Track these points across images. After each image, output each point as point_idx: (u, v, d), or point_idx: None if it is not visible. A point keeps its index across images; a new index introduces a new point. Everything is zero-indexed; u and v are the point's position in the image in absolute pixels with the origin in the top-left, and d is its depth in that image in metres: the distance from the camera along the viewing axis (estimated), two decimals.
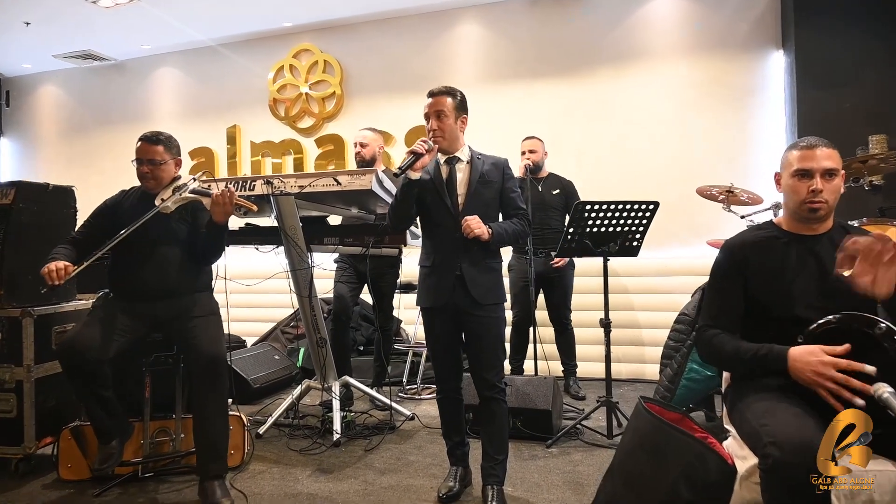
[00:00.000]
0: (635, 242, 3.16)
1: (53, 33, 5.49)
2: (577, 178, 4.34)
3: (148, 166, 2.69)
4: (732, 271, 1.84)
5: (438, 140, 2.37)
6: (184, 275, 2.70)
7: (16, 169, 6.80)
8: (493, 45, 5.12)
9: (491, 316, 2.39)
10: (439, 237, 2.41)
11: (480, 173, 2.42)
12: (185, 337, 2.58)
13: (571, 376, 4.22)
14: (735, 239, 1.89)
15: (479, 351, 2.39)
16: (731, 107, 4.55)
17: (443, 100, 2.39)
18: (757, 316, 1.80)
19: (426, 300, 2.45)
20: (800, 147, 1.79)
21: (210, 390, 2.51)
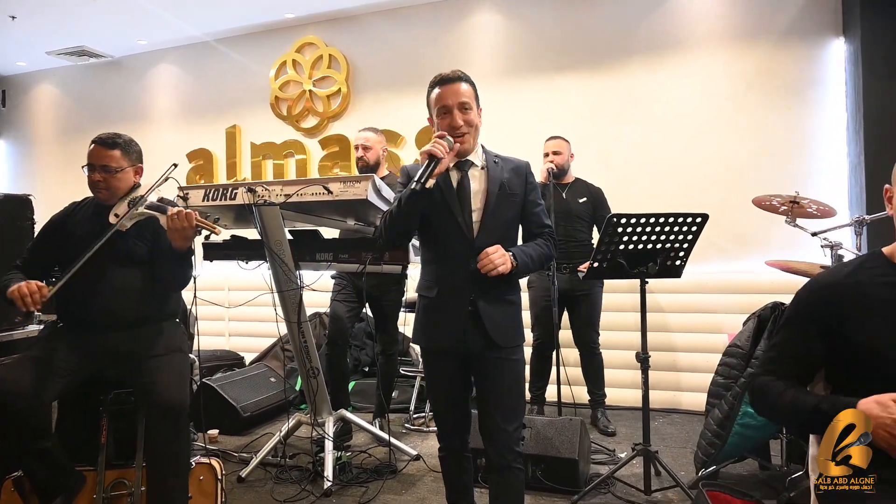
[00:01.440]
0: (678, 262, 2.67)
1: (43, 28, 5.16)
2: (603, 183, 3.85)
3: (101, 174, 2.28)
4: (816, 320, 1.38)
5: (465, 140, 1.88)
6: (142, 303, 2.29)
7: (13, 172, 6.51)
8: (511, 36, 4.65)
9: (510, 359, 1.92)
10: (447, 263, 1.92)
11: (500, 183, 1.92)
12: (141, 379, 2.16)
13: (599, 408, 3.74)
14: (826, 277, 1.42)
15: (494, 405, 1.91)
16: (782, 102, 4.02)
17: (461, 87, 1.89)
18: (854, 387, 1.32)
19: (428, 340, 1.98)
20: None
21: (166, 445, 2.09)
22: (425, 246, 2.01)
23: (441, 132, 1.86)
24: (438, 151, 1.78)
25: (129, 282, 2.26)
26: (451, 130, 1.86)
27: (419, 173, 1.77)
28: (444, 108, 1.88)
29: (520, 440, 1.93)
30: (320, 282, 2.96)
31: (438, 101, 1.89)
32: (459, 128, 1.87)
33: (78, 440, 2.42)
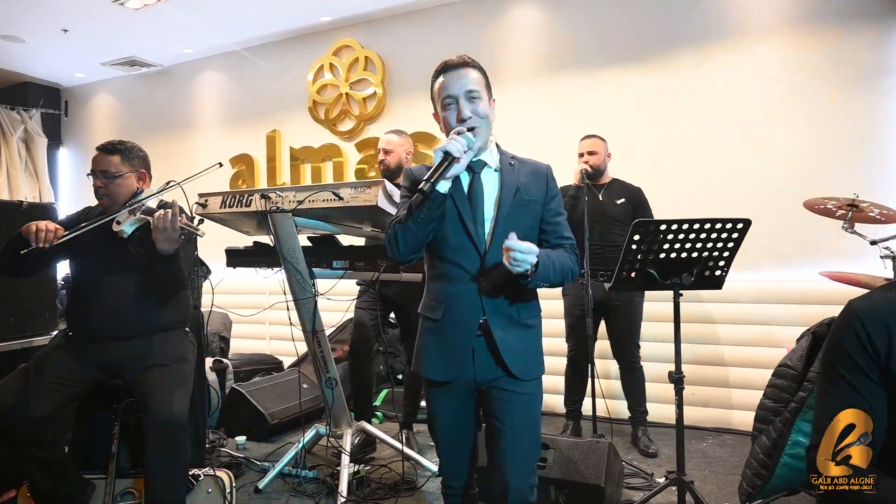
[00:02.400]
0: (718, 271, 2.41)
1: (94, 40, 5.35)
2: (650, 185, 3.59)
3: (101, 179, 2.26)
4: (863, 356, 1.13)
5: (479, 132, 1.61)
6: (146, 311, 2.25)
7: (74, 178, 6.81)
8: (550, 31, 4.44)
9: (527, 394, 1.67)
10: (455, 280, 1.66)
11: (517, 188, 1.68)
12: (139, 390, 2.12)
13: (640, 426, 3.48)
14: (866, 302, 1.16)
15: (506, 446, 1.65)
16: (851, 93, 3.63)
17: (469, 73, 1.65)
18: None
19: (431, 370, 1.71)
20: None
21: (160, 462, 2.03)
22: (431, 260, 1.75)
23: (459, 129, 1.59)
24: (456, 148, 1.52)
25: (132, 290, 2.23)
26: (459, 123, 1.63)
27: (430, 172, 1.51)
28: (450, 98, 1.64)
29: (534, 483, 1.69)
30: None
31: (442, 90, 1.66)
32: (467, 120, 1.62)
33: (91, 448, 2.43)
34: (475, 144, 1.59)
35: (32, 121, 6.46)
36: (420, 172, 1.69)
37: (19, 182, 6.25)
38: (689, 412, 3.82)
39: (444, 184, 1.55)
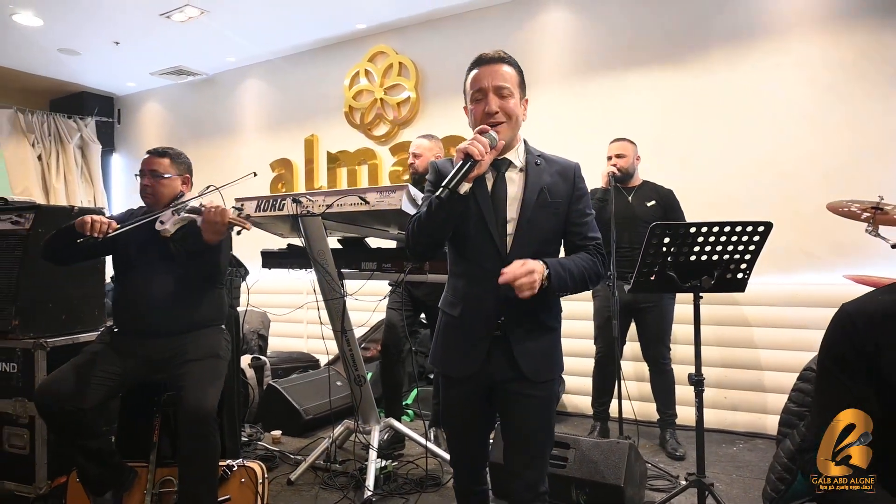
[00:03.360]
0: (740, 274, 2.41)
1: (144, 51, 5.62)
2: (682, 186, 3.57)
3: (149, 178, 2.44)
4: (854, 357, 1.15)
5: (502, 130, 1.60)
6: (183, 309, 2.40)
7: (126, 183, 7.15)
8: (581, 33, 4.45)
9: (542, 395, 1.68)
10: (475, 280, 1.66)
11: (541, 188, 1.65)
12: (175, 383, 2.27)
13: (669, 428, 3.47)
14: (855, 305, 1.19)
15: (518, 445, 1.70)
16: (889, 89, 3.54)
17: (502, 69, 1.63)
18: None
19: (446, 364, 1.74)
20: None
21: (192, 451, 2.16)
22: (453, 257, 1.76)
23: (483, 126, 1.58)
24: (476, 151, 1.50)
25: (172, 289, 2.38)
26: (486, 117, 1.61)
27: (450, 176, 1.51)
28: (480, 92, 1.62)
29: (545, 479, 1.71)
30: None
31: (474, 83, 1.64)
32: (494, 114, 1.60)
33: (135, 438, 2.59)
34: (498, 144, 1.58)
35: (87, 128, 6.82)
36: (445, 167, 1.69)
37: (75, 187, 6.61)
38: (719, 416, 3.80)
39: (465, 186, 1.54)
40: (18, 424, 2.65)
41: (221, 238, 2.23)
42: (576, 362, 4.12)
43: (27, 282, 2.69)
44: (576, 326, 3.97)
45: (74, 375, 2.24)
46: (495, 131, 1.58)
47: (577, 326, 3.91)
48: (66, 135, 6.64)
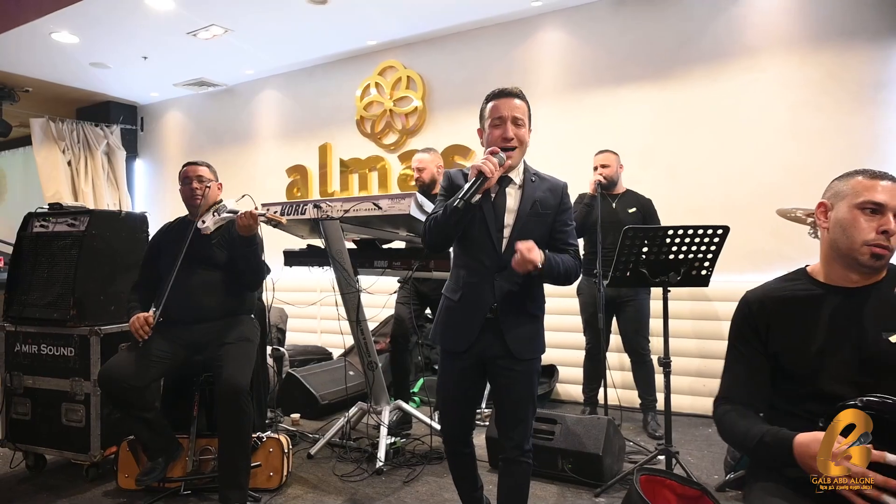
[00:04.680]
0: (704, 271, 2.77)
1: (169, 64, 6.02)
2: (669, 194, 3.95)
3: (197, 183, 2.85)
4: (750, 333, 1.51)
5: (514, 155, 1.95)
6: (221, 299, 2.79)
7: (148, 186, 7.57)
8: (575, 51, 4.82)
9: (526, 370, 2.02)
10: (474, 272, 2.01)
11: (534, 201, 2.00)
12: (214, 363, 2.65)
13: (650, 412, 3.83)
14: (755, 292, 1.55)
15: (506, 410, 2.06)
16: (853, 106, 3.89)
17: (517, 103, 1.97)
18: (779, 388, 1.46)
19: (445, 340, 2.08)
20: (868, 175, 1.42)
21: (229, 420, 2.54)
22: (458, 252, 2.10)
23: (493, 148, 1.92)
24: (487, 169, 1.83)
25: (211, 282, 2.77)
26: (502, 141, 1.94)
27: (465, 188, 1.85)
28: (499, 119, 1.95)
29: (529, 439, 2.05)
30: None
31: (494, 112, 1.96)
32: (511, 140, 1.93)
33: (178, 414, 2.98)
34: (506, 163, 1.91)
35: (113, 136, 7.24)
36: (457, 177, 2.04)
37: (102, 191, 7.02)
38: (699, 402, 4.16)
39: (476, 196, 1.87)
40: (75, 401, 3.03)
41: (252, 232, 2.64)
42: (568, 354, 4.49)
43: (82, 277, 3.07)
44: (568, 321, 4.35)
45: (131, 359, 2.64)
46: (507, 155, 1.92)
47: (570, 321, 4.28)
48: (94, 142, 7.05)
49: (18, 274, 3.25)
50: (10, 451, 3.22)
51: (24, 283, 3.22)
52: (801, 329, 1.44)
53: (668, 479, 1.60)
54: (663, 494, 1.56)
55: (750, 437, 1.39)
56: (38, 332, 3.15)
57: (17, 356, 3.19)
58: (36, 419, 3.12)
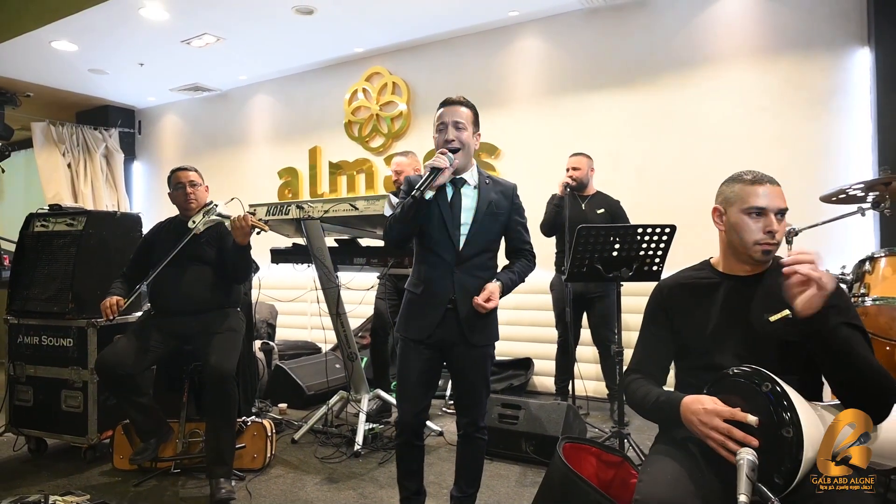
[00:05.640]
0: (654, 266, 3.00)
1: (165, 71, 6.26)
2: (638, 195, 4.17)
3: (191, 188, 3.07)
4: (659, 314, 1.74)
5: (458, 155, 2.14)
6: (210, 293, 3.01)
7: (146, 187, 7.80)
8: (551, 58, 5.06)
9: (481, 356, 2.22)
10: (435, 267, 2.18)
11: (489, 202, 2.21)
12: (202, 351, 2.88)
13: (616, 401, 4.04)
14: (666, 280, 1.79)
15: (465, 389, 2.26)
16: (809, 112, 4.13)
17: (460, 109, 2.18)
18: (682, 362, 1.69)
19: (409, 329, 2.23)
20: (748, 181, 1.64)
21: (216, 403, 2.77)
22: (418, 249, 2.27)
23: (442, 149, 2.13)
24: (440, 164, 2.05)
25: (200, 277, 3.00)
26: (444, 144, 2.14)
27: (419, 183, 2.05)
28: (443, 125, 2.16)
29: (484, 416, 2.28)
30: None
31: (439, 118, 2.19)
32: (451, 141, 2.13)
33: (169, 401, 3.21)
34: (454, 162, 2.12)
35: (112, 139, 7.47)
36: (415, 181, 2.18)
37: (101, 192, 7.25)
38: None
39: (429, 192, 2.08)
40: (74, 388, 3.26)
41: (248, 239, 2.86)
42: (542, 348, 4.72)
43: (80, 273, 3.30)
44: (544, 317, 4.58)
45: (126, 348, 2.87)
46: (452, 154, 2.13)
47: (546, 317, 4.51)
48: (93, 145, 7.28)
49: (21, 270, 3.49)
50: (13, 435, 3.45)
51: (25, 278, 3.45)
52: (701, 311, 1.67)
53: (593, 446, 1.82)
54: (587, 460, 1.78)
55: (648, 399, 1.61)
56: (39, 325, 3.38)
57: (19, 347, 3.42)
58: (37, 405, 3.35)
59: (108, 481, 3.05)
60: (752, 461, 1.28)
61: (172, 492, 2.90)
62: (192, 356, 3.11)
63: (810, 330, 1.43)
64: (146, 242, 3.16)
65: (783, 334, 1.54)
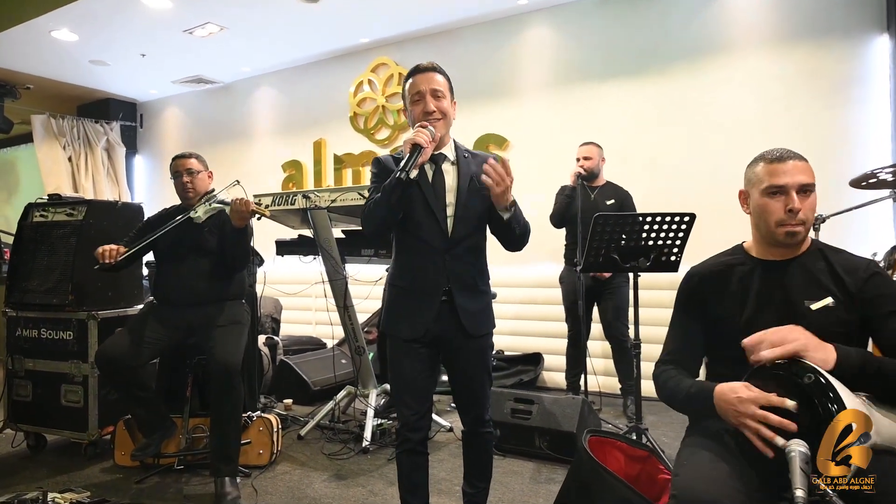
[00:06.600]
0: (673, 257, 2.90)
1: (167, 62, 6.17)
2: (649, 186, 4.07)
3: (187, 176, 2.95)
4: (691, 303, 1.65)
5: (439, 126, 1.89)
6: (212, 284, 2.91)
7: (148, 181, 7.72)
8: (561, 48, 4.96)
9: (481, 346, 2.01)
10: (423, 254, 1.94)
11: (470, 177, 1.96)
12: (206, 344, 2.79)
13: (630, 396, 3.95)
14: (698, 266, 1.69)
15: (467, 386, 2.04)
16: (825, 101, 4.02)
17: (435, 76, 1.94)
18: (716, 353, 1.59)
19: (401, 328, 1.96)
20: (768, 160, 1.57)
21: (221, 398, 2.67)
22: (400, 237, 2.01)
23: (423, 122, 1.87)
24: (423, 140, 1.79)
25: (202, 267, 2.90)
26: (424, 116, 1.89)
27: (403, 162, 1.78)
28: (418, 94, 1.91)
29: (488, 410, 2.08)
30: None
31: (412, 88, 1.93)
32: (432, 113, 1.88)
33: (172, 395, 3.12)
34: (436, 136, 1.87)
35: (113, 132, 7.38)
36: (387, 161, 1.97)
37: (102, 186, 7.17)
38: None
39: (413, 171, 1.80)
40: (74, 382, 3.17)
41: (246, 223, 2.75)
42: (552, 342, 4.63)
43: (80, 264, 3.20)
44: (554, 311, 4.48)
45: (127, 340, 2.77)
46: (433, 126, 1.87)
47: (555, 311, 4.42)
48: (94, 138, 7.20)
49: (19, 262, 3.39)
50: (11, 431, 3.37)
51: (24, 270, 3.36)
52: (734, 299, 1.57)
53: (618, 440, 1.73)
54: (613, 454, 1.69)
55: (679, 391, 1.53)
56: (38, 317, 3.29)
57: (18, 340, 3.33)
58: (36, 400, 3.26)
59: (110, 478, 2.96)
60: (804, 453, 1.18)
61: (176, 489, 2.82)
62: (195, 349, 3.01)
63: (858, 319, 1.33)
64: (148, 224, 3.06)
65: (826, 323, 1.45)
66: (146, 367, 2.91)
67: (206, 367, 2.83)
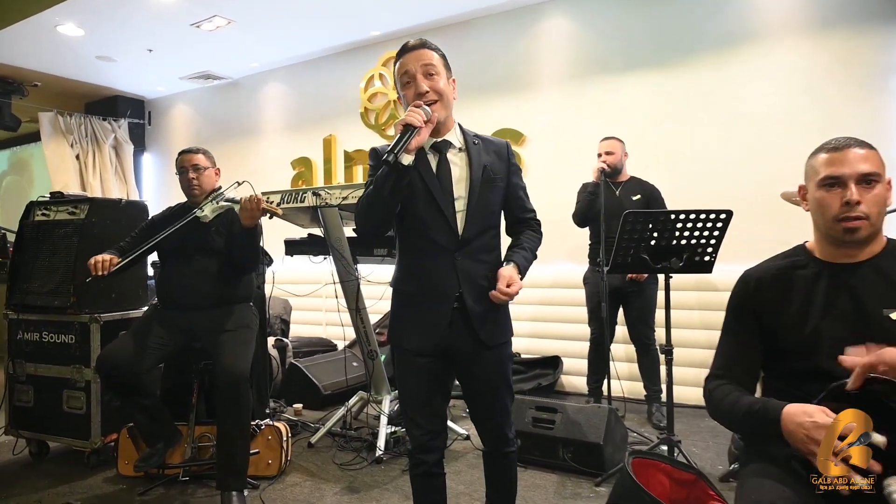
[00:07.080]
0: (707, 257, 2.72)
1: (174, 57, 6.04)
2: (671, 182, 3.89)
3: (193, 172, 2.81)
4: (746, 310, 1.47)
5: (436, 108, 1.67)
6: (219, 286, 2.77)
7: (156, 179, 7.61)
8: (579, 39, 4.77)
9: (500, 357, 1.80)
10: (430, 256, 1.72)
11: (483, 167, 1.75)
12: (213, 350, 2.64)
13: (654, 402, 3.78)
14: (754, 269, 1.51)
15: (486, 401, 1.83)
16: (860, 92, 3.81)
17: (425, 52, 1.71)
18: (776, 367, 1.42)
19: (410, 341, 1.76)
20: (826, 149, 1.39)
21: (228, 407, 2.52)
22: (403, 236, 1.81)
23: (416, 102, 1.66)
24: (416, 120, 1.58)
25: (209, 269, 2.75)
26: (417, 98, 1.68)
27: (393, 144, 1.58)
28: (407, 75, 1.70)
29: (512, 427, 1.89)
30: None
31: (401, 69, 1.71)
32: (425, 94, 1.67)
33: (177, 402, 2.98)
34: (432, 117, 1.65)
35: (121, 130, 7.28)
36: (384, 150, 1.69)
37: (110, 184, 7.06)
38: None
39: (407, 157, 1.60)
40: (76, 388, 3.04)
41: (256, 222, 2.60)
42: (572, 345, 4.45)
43: (83, 265, 3.05)
44: (573, 312, 4.31)
45: (130, 345, 2.63)
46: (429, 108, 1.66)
47: (575, 312, 4.25)
48: (102, 136, 7.10)
49: (20, 262, 3.27)
50: (13, 438, 3.24)
51: (25, 271, 3.23)
52: (798, 306, 1.40)
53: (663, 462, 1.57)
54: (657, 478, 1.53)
55: (738, 408, 1.35)
56: (39, 320, 3.16)
57: (19, 344, 3.21)
58: (38, 406, 3.14)
59: (112, 489, 2.83)
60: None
61: (181, 501, 2.68)
62: (201, 354, 2.87)
63: None
64: (152, 223, 2.92)
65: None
66: (150, 373, 2.77)
67: (213, 374, 2.69)
